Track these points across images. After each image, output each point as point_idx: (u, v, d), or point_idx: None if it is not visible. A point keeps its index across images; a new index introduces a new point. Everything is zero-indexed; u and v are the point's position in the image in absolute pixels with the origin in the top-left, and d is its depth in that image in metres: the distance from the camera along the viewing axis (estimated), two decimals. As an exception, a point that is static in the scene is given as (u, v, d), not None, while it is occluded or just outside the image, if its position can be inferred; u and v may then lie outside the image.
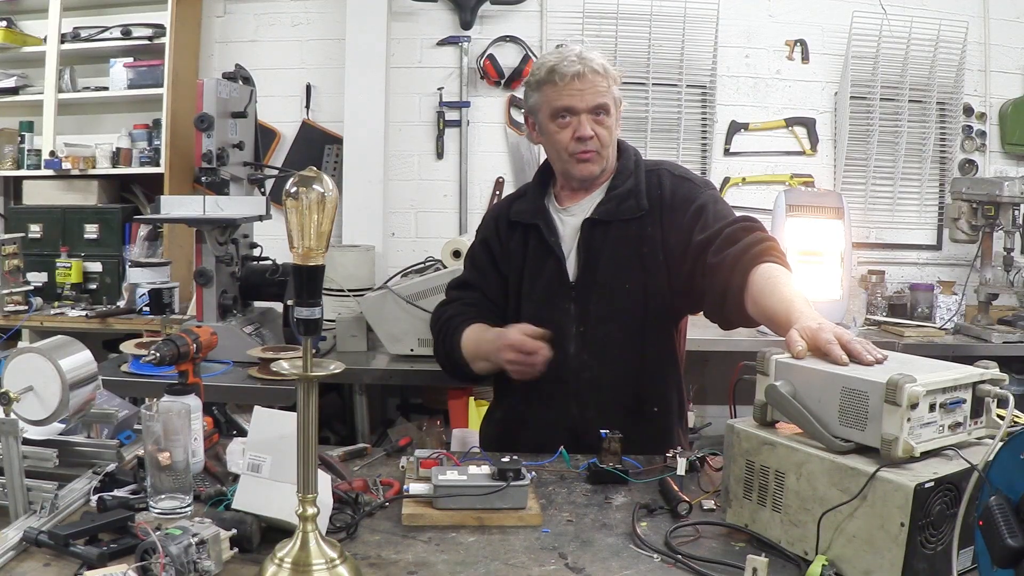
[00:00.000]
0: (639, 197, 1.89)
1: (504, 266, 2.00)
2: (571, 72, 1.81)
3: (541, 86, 1.86)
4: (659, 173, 1.94)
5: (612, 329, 1.88)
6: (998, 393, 1.24)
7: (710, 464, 1.67)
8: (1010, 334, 3.25)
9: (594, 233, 1.89)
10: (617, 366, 1.88)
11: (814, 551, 1.23)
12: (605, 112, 1.85)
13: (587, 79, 1.81)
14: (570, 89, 1.82)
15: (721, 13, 3.85)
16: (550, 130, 1.88)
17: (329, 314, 3.03)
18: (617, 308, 1.87)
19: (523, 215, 1.98)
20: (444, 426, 3.30)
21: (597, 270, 1.88)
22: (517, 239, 1.98)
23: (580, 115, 1.84)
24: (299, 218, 1.12)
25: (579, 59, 1.82)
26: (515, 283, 1.97)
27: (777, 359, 1.37)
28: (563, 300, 1.90)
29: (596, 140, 1.85)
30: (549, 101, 1.85)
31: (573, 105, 1.83)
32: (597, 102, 1.83)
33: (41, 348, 1.40)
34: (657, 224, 1.87)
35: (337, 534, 1.33)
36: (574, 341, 1.89)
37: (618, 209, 1.88)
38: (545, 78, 1.84)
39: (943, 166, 4.01)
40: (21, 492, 1.34)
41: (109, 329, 3.46)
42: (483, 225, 2.11)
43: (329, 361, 1.16)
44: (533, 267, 1.94)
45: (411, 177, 4.02)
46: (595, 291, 1.88)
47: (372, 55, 3.78)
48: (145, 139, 3.92)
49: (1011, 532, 0.99)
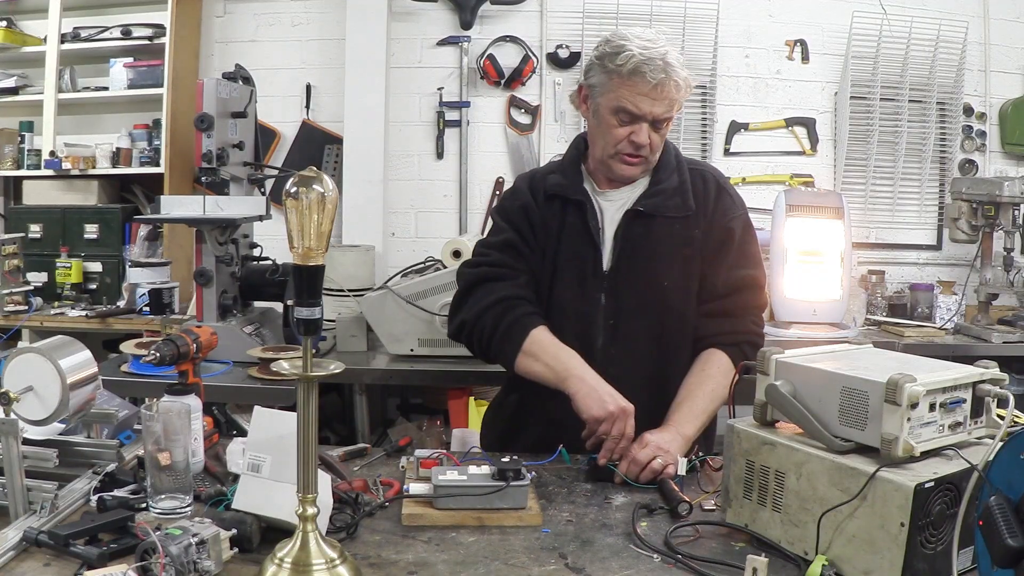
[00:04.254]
0: (686, 196, 1.85)
1: (541, 238, 1.88)
2: (654, 81, 1.71)
3: (615, 75, 1.74)
4: (703, 175, 1.90)
5: (644, 325, 1.84)
6: (998, 393, 1.24)
7: (710, 464, 1.67)
8: (1010, 334, 3.25)
9: (635, 224, 1.83)
10: (645, 363, 1.84)
11: (814, 551, 1.23)
12: (667, 120, 1.79)
13: (665, 90, 1.73)
14: (645, 95, 1.73)
15: (721, 13, 3.85)
16: (607, 121, 1.79)
17: (329, 314, 3.03)
18: (651, 304, 1.83)
19: (565, 189, 1.88)
20: (444, 426, 3.30)
21: (635, 263, 1.83)
22: (554, 213, 1.88)
23: (643, 121, 1.77)
24: (299, 218, 1.12)
25: (664, 66, 1.71)
26: (549, 262, 1.87)
27: (777, 359, 1.37)
28: (595, 289, 1.84)
29: (649, 148, 1.80)
30: (618, 95, 1.75)
31: (642, 112, 1.75)
32: (665, 112, 1.77)
33: (41, 348, 1.40)
34: (700, 228, 1.85)
35: (337, 534, 1.33)
36: (603, 334, 1.84)
37: (664, 204, 1.84)
38: (624, 72, 1.72)
39: (943, 166, 4.01)
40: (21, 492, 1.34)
41: (109, 329, 3.46)
42: (516, 191, 1.97)
43: (329, 361, 1.16)
44: (568, 248, 1.86)
45: (411, 177, 4.02)
46: (631, 284, 1.83)
47: (372, 55, 3.78)
48: (145, 139, 3.92)
49: (1011, 532, 0.99)
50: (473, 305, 1.87)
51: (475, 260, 1.95)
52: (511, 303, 1.83)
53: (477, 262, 1.93)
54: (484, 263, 1.91)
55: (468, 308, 1.88)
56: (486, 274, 1.88)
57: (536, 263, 1.88)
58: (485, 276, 1.88)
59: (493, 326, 1.83)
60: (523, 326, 1.80)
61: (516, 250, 1.88)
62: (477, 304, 1.86)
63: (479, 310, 1.85)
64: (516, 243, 1.88)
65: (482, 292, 1.87)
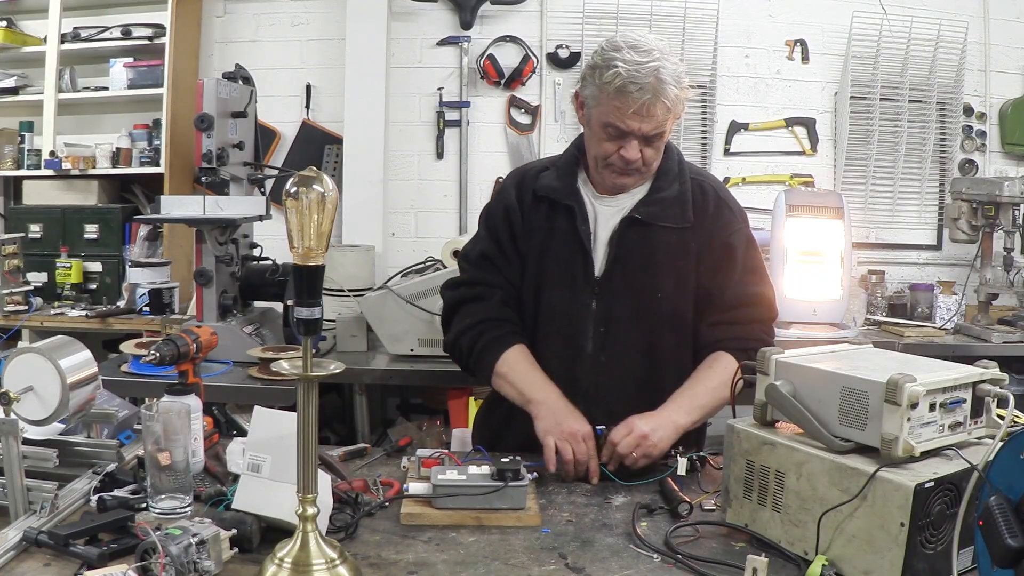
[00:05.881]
0: (685, 207, 1.82)
1: (523, 243, 1.87)
2: (640, 100, 1.66)
3: (603, 88, 1.70)
4: (703, 187, 1.87)
5: (635, 334, 1.82)
6: (998, 393, 1.24)
7: (711, 464, 1.67)
8: (1010, 334, 3.25)
9: (631, 232, 1.81)
10: (634, 371, 1.82)
11: (814, 551, 1.23)
12: (659, 137, 1.75)
13: (652, 109, 1.68)
14: (632, 114, 1.69)
15: (721, 13, 3.85)
16: (597, 134, 1.76)
17: (329, 314, 3.03)
18: (643, 313, 1.81)
19: (554, 192, 1.85)
20: (444, 426, 3.30)
21: (628, 271, 1.81)
22: (541, 215, 1.86)
23: (632, 139, 1.73)
24: (299, 218, 1.12)
25: (655, 83, 1.65)
26: (535, 266, 1.86)
27: (777, 359, 1.37)
28: (585, 295, 1.82)
29: (640, 161, 1.76)
30: (605, 111, 1.72)
31: (630, 129, 1.71)
32: (654, 132, 1.72)
33: (41, 348, 1.40)
34: (697, 241, 1.83)
35: (337, 534, 1.33)
36: (592, 341, 1.82)
37: (662, 214, 1.81)
38: (610, 91, 1.68)
39: (943, 166, 4.01)
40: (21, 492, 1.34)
41: (109, 329, 3.46)
42: (503, 191, 1.95)
43: (329, 361, 1.16)
44: (557, 252, 1.84)
45: (411, 177, 4.02)
46: (623, 292, 1.81)
47: (372, 55, 3.78)
48: (145, 139, 3.92)
49: (1011, 532, 0.99)
50: (453, 328, 1.93)
51: (454, 280, 1.99)
52: (484, 326, 1.87)
53: (456, 282, 1.98)
54: (462, 283, 1.96)
55: (450, 331, 1.95)
56: (463, 296, 1.93)
57: (515, 271, 1.89)
58: (462, 298, 1.93)
59: (468, 350, 1.88)
60: (494, 349, 1.84)
61: (493, 262, 1.90)
62: (455, 327, 1.92)
63: (456, 334, 1.91)
64: (492, 254, 1.90)
65: (461, 315, 1.92)
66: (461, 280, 1.96)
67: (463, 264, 1.98)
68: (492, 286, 1.90)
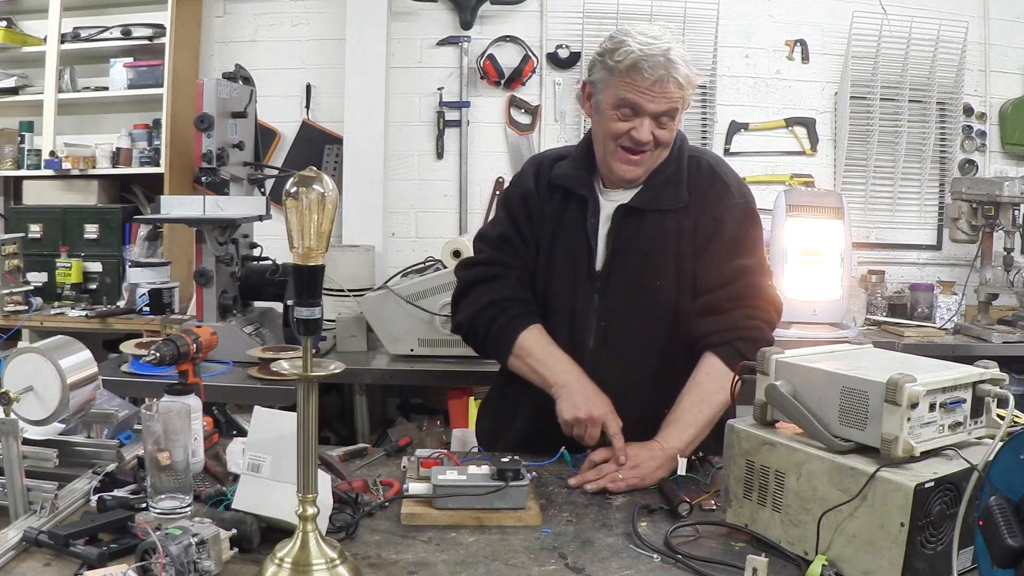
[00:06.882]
0: (679, 187, 1.79)
1: (537, 230, 1.86)
2: (653, 77, 1.66)
3: (614, 70, 1.70)
4: (699, 163, 1.84)
5: (636, 328, 1.79)
6: (998, 393, 1.24)
7: (711, 464, 1.67)
8: (1010, 334, 3.25)
9: (627, 222, 1.79)
10: (637, 367, 1.80)
11: (814, 551, 1.23)
12: (670, 117, 1.73)
13: (664, 87, 1.68)
14: (644, 92, 1.68)
15: (721, 13, 3.85)
16: (607, 115, 1.74)
17: (329, 314, 3.03)
18: (644, 306, 1.79)
19: (571, 182, 1.83)
20: (444, 426, 3.30)
21: (627, 263, 1.78)
22: (555, 204, 1.85)
23: (644, 117, 1.71)
24: (299, 218, 1.12)
25: (666, 62, 1.66)
26: (545, 256, 1.85)
27: (777, 359, 1.37)
28: (588, 290, 1.80)
29: (652, 143, 1.74)
30: (617, 89, 1.71)
31: (642, 105, 1.70)
32: (666, 109, 1.71)
33: (41, 348, 1.40)
34: (691, 219, 1.78)
35: (337, 534, 1.33)
36: (594, 336, 1.80)
37: (656, 198, 1.78)
38: (622, 68, 1.68)
39: (943, 166, 4.01)
40: (21, 492, 1.34)
41: (109, 329, 3.46)
42: (522, 176, 1.93)
43: (329, 361, 1.16)
44: (564, 244, 1.83)
45: (411, 177, 4.02)
46: (622, 285, 1.78)
47: (372, 55, 3.78)
48: (145, 139, 3.92)
49: (1011, 532, 0.99)
50: (467, 308, 1.88)
51: (470, 260, 1.95)
52: (502, 305, 1.83)
53: (472, 262, 1.94)
54: (479, 262, 1.91)
55: (463, 311, 1.90)
56: (480, 275, 1.89)
57: (530, 256, 1.87)
58: (478, 277, 1.89)
59: (485, 330, 1.84)
60: (513, 329, 1.81)
61: (510, 244, 1.87)
62: (471, 307, 1.87)
63: (472, 313, 1.87)
64: (511, 237, 1.87)
65: (476, 294, 1.88)
66: (478, 260, 1.93)
67: (480, 245, 1.94)
68: (509, 267, 1.87)
